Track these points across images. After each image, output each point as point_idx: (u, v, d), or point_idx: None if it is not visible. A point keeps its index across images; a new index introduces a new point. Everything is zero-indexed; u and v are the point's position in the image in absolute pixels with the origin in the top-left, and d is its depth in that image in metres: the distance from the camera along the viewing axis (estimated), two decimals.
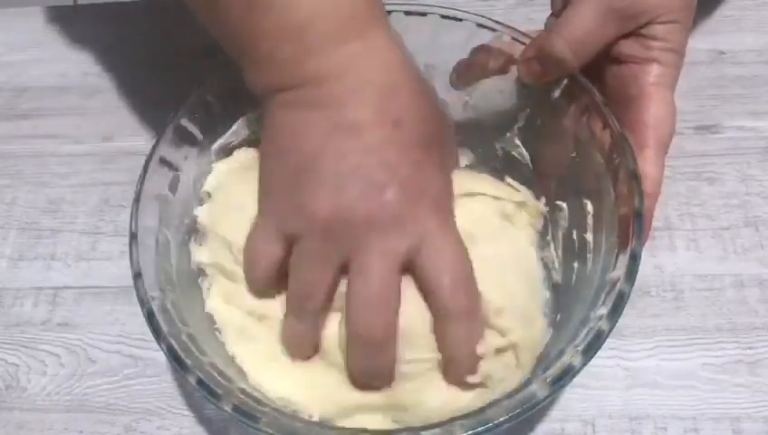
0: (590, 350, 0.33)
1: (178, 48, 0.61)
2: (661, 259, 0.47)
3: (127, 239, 0.51)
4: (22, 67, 0.62)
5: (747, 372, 0.43)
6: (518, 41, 0.42)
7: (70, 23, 0.65)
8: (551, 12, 0.43)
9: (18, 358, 0.47)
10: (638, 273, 0.46)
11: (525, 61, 0.41)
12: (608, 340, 0.44)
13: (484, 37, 0.43)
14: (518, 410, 0.31)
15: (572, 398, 0.43)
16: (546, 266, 0.45)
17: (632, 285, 0.34)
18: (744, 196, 0.49)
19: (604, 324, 0.33)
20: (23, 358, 0.47)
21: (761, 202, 0.49)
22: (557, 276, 0.44)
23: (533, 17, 0.44)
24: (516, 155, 0.46)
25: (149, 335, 0.47)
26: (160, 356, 0.46)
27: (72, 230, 0.53)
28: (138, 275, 0.36)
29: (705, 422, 0.42)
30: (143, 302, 0.35)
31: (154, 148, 0.40)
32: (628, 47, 0.39)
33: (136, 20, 0.64)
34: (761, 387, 0.42)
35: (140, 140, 0.56)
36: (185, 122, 0.41)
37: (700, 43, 0.57)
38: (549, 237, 0.45)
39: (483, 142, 0.47)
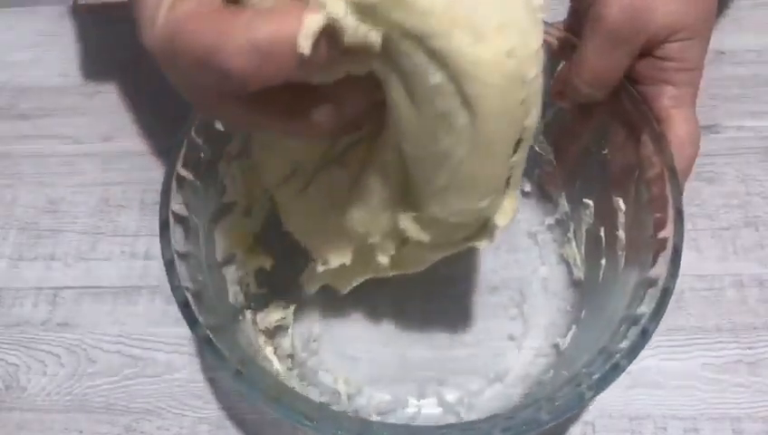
0: (636, 349, 0.32)
1: None
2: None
3: (127, 239, 0.51)
4: (22, 67, 0.62)
5: (747, 372, 0.43)
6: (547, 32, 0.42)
7: (70, 23, 0.65)
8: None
9: (18, 358, 0.47)
10: None
11: (554, 94, 0.40)
12: None
13: None
14: (564, 410, 0.31)
15: None
16: (567, 263, 0.46)
17: (675, 281, 0.34)
18: (744, 196, 0.49)
19: (648, 324, 0.33)
20: (23, 358, 0.47)
21: (761, 202, 0.49)
22: (579, 273, 0.44)
23: None
24: (539, 150, 0.47)
25: (149, 335, 0.47)
26: (160, 356, 0.46)
27: (72, 230, 0.53)
28: (171, 263, 0.34)
29: (705, 422, 0.42)
30: (177, 288, 0.34)
31: (182, 136, 0.38)
32: (643, 68, 0.38)
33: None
34: (761, 387, 0.42)
35: (140, 140, 0.56)
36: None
37: None
38: (570, 234, 0.45)
39: None
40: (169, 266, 0.34)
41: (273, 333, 0.44)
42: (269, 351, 0.43)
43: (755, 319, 0.45)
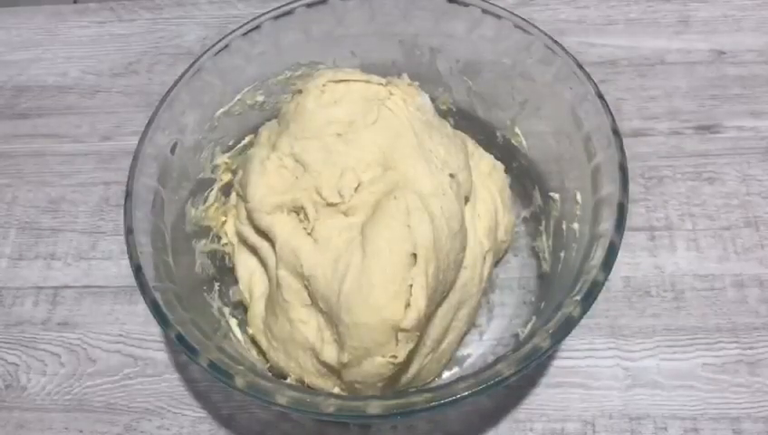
0: (588, 299, 0.34)
1: (178, 48, 0.61)
2: (661, 259, 0.47)
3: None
4: (22, 67, 0.62)
5: (747, 372, 0.43)
6: (522, 29, 0.42)
7: (70, 23, 0.65)
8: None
9: (18, 357, 0.47)
10: (638, 273, 0.47)
11: None
12: (607, 340, 0.44)
13: (490, 24, 0.43)
14: (526, 364, 0.32)
15: (572, 398, 0.43)
16: (537, 256, 0.46)
17: (621, 237, 0.35)
18: (744, 196, 0.49)
19: (599, 275, 0.34)
20: (23, 357, 0.47)
21: (761, 202, 0.49)
22: (546, 266, 0.45)
23: (534, 17, 0.44)
24: (515, 143, 0.47)
25: (149, 335, 0.47)
26: (160, 356, 0.46)
27: (72, 230, 0.53)
28: (130, 231, 0.37)
29: (705, 422, 0.42)
30: (132, 256, 0.36)
31: (156, 111, 0.41)
32: None
33: (136, 20, 0.64)
34: (761, 387, 0.42)
35: None
36: (187, 90, 0.43)
37: (700, 43, 0.57)
38: (542, 228, 0.45)
39: (484, 129, 0.48)
40: (128, 235, 0.37)
41: (238, 304, 0.45)
42: (233, 322, 0.44)
43: (755, 319, 0.45)
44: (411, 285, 0.35)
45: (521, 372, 0.32)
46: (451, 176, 0.40)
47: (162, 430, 0.44)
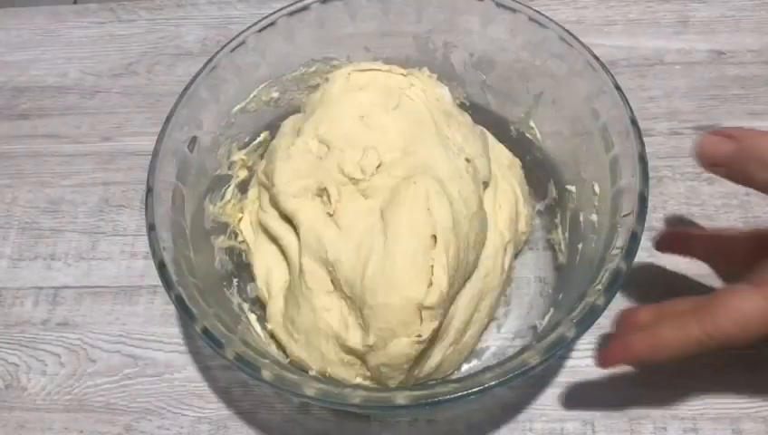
0: (611, 288, 0.34)
1: (178, 48, 0.61)
2: (661, 259, 0.47)
3: (128, 239, 0.51)
4: (21, 67, 0.62)
5: (747, 371, 0.43)
6: (537, 22, 0.43)
7: (70, 23, 0.65)
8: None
9: (18, 357, 0.47)
10: (638, 273, 0.47)
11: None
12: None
13: (504, 18, 0.44)
14: (551, 353, 0.32)
15: (572, 398, 0.43)
16: (552, 248, 0.46)
17: (642, 227, 0.35)
18: (744, 196, 0.49)
19: (622, 264, 0.34)
20: (23, 357, 0.47)
21: (760, 202, 0.49)
22: (562, 258, 0.45)
23: None
24: (530, 136, 0.48)
25: (149, 335, 0.47)
26: (160, 356, 0.46)
27: (72, 230, 0.53)
28: (152, 227, 0.37)
29: (704, 422, 0.42)
30: (155, 252, 0.36)
31: (174, 108, 0.41)
32: None
33: (136, 20, 0.64)
34: (761, 387, 0.42)
35: (140, 140, 0.56)
36: (204, 86, 0.43)
37: (700, 43, 0.57)
38: (557, 220, 0.46)
39: (498, 123, 0.49)
40: (150, 231, 0.37)
41: (256, 300, 0.45)
42: (252, 318, 0.44)
43: None
44: (432, 266, 0.36)
45: (547, 362, 0.32)
46: (467, 160, 0.41)
47: (162, 429, 0.44)
